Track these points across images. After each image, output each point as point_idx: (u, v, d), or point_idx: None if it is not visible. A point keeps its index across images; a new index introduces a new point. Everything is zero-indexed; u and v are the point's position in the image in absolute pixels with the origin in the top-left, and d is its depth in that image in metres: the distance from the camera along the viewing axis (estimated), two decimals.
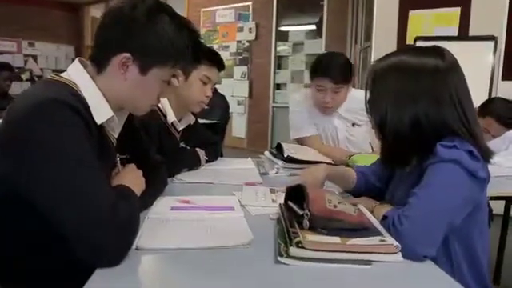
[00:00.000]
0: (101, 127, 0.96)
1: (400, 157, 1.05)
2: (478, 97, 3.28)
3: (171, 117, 1.55)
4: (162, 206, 1.14)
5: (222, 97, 4.60)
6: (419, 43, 3.52)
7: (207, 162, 1.73)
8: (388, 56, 1.07)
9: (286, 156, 1.65)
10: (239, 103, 7.12)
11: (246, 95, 7.05)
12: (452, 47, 1.07)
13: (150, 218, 1.04)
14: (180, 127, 1.62)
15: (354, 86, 2.10)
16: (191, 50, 1.04)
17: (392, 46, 3.73)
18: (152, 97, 1.04)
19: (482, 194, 0.96)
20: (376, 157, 1.67)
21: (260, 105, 6.95)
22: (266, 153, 1.88)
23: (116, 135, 1.06)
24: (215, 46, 7.27)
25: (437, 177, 0.91)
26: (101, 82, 0.97)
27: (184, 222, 1.02)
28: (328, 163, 1.70)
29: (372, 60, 4.06)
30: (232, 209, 1.13)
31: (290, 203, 1.04)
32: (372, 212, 1.09)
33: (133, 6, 0.95)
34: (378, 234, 0.89)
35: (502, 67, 3.27)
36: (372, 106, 1.08)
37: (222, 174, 1.56)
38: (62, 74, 0.97)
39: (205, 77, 1.58)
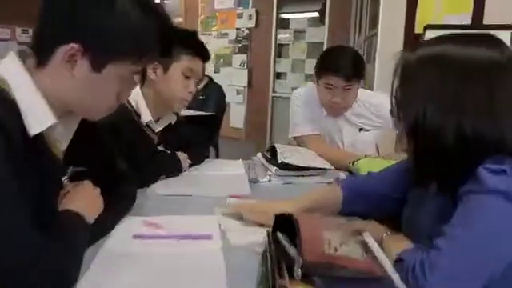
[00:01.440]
0: (41, 137, 0.74)
1: (437, 174, 0.81)
2: None
3: (146, 116, 1.32)
4: (124, 231, 0.93)
5: (218, 86, 4.37)
6: (429, 33, 3.28)
7: (191, 165, 1.52)
8: (425, 44, 0.83)
9: (279, 162, 1.43)
10: (238, 93, 6.87)
11: (245, 84, 6.79)
12: None
13: (104, 249, 0.83)
14: (157, 128, 1.39)
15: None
16: (161, 41, 0.82)
17: (399, 36, 3.48)
18: (108, 99, 0.83)
19: None
20: (383, 162, 1.47)
21: (259, 94, 6.69)
22: (259, 155, 1.66)
23: (64, 146, 0.84)
24: (214, 34, 7.01)
25: (478, 215, 0.69)
26: (42, 78, 0.75)
27: (145, 260, 0.81)
28: (328, 169, 1.49)
29: (378, 49, 3.81)
30: (209, 237, 0.92)
31: (278, 234, 0.83)
32: (381, 244, 0.88)
33: None
34: (391, 287, 0.67)
35: None
36: (403, 106, 0.83)
37: (205, 183, 1.35)
38: None
39: (187, 69, 1.35)
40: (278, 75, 6.50)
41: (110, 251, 0.83)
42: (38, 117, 0.73)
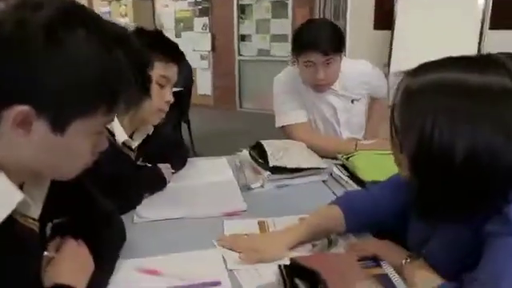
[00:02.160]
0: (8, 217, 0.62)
1: (448, 209, 0.73)
2: (468, 47, 3.06)
3: (121, 136, 1.18)
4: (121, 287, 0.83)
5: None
6: None
7: (174, 172, 1.41)
8: (428, 68, 0.73)
9: (271, 166, 1.34)
10: (202, 58, 6.60)
11: (209, 49, 6.53)
12: None
13: None
14: (134, 144, 1.26)
15: None
16: (136, 78, 0.69)
17: None
18: (80, 158, 0.69)
19: None
20: (379, 158, 1.41)
21: (225, 58, 6.47)
22: (245, 152, 1.56)
23: (37, 212, 0.71)
24: None
25: None
26: None
27: None
28: (322, 168, 1.42)
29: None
30: (218, 284, 0.84)
31: (298, 284, 0.76)
32: (402, 272, 0.83)
33: (20, 22, 0.56)
34: None
35: (491, 15, 2.98)
36: (407, 128, 0.74)
37: (195, 200, 1.25)
38: None
39: (161, 78, 1.20)
40: (242, 37, 6.28)
41: None
42: (0, 200, 0.60)
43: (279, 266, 0.84)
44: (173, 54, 1.21)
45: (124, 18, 6.69)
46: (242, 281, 0.85)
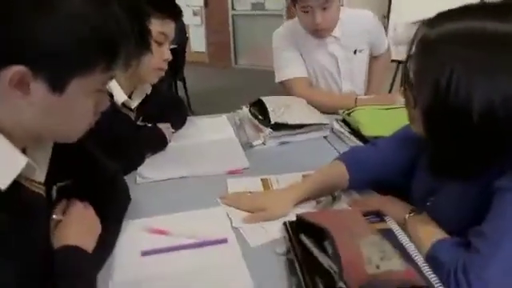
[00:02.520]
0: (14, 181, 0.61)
1: (463, 165, 0.72)
2: None
3: (120, 96, 1.15)
4: (129, 248, 0.84)
5: None
6: None
7: (174, 131, 1.40)
8: (447, 17, 0.70)
9: (273, 123, 1.33)
10: (195, 13, 6.40)
11: (202, 4, 6.31)
12: None
13: (114, 281, 0.75)
14: (134, 104, 1.23)
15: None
16: (134, 33, 0.65)
17: None
18: (83, 117, 0.68)
19: None
20: (380, 112, 1.40)
21: (218, 13, 6.27)
22: (245, 110, 1.54)
23: (42, 176, 0.71)
24: None
25: None
26: None
27: (163, 284, 0.74)
28: (323, 124, 1.40)
29: None
30: (225, 241, 0.85)
31: (304, 240, 0.77)
32: (405, 227, 0.84)
33: None
34: None
35: None
36: (421, 80, 0.72)
37: (197, 159, 1.25)
38: None
39: (159, 34, 1.15)
40: None
41: (123, 280, 0.75)
42: (4, 166, 0.59)
43: (284, 222, 0.85)
44: (170, 9, 1.16)
45: None
46: (247, 238, 0.87)
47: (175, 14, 1.18)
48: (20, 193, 0.63)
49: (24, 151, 0.65)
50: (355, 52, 1.73)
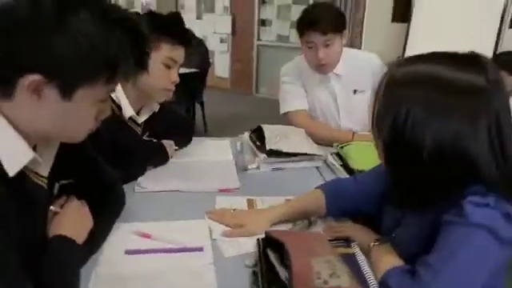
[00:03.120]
0: (21, 172, 0.72)
1: (415, 195, 0.80)
2: (485, 45, 3.02)
3: (128, 111, 1.27)
4: (116, 246, 0.94)
5: (199, 41, 4.22)
6: None
7: (178, 148, 1.51)
8: (412, 61, 0.80)
9: (267, 149, 1.42)
10: (222, 41, 6.65)
11: (229, 32, 6.56)
12: None
13: (97, 272, 0.84)
14: (140, 120, 1.35)
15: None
16: (133, 52, 0.76)
17: None
18: (86, 123, 0.79)
19: (508, 254, 0.77)
20: (372, 148, 1.47)
21: (244, 42, 6.50)
22: (246, 135, 1.65)
23: (46, 171, 0.82)
24: None
25: (460, 248, 0.70)
26: (10, 111, 0.70)
27: (140, 279, 0.83)
28: (316, 155, 1.49)
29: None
30: (200, 249, 0.93)
31: (269, 253, 0.85)
32: (369, 253, 0.91)
33: (32, 3, 0.66)
34: None
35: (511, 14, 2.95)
36: (384, 116, 0.80)
37: (192, 174, 1.34)
38: None
39: (168, 59, 1.27)
40: (262, 22, 6.28)
41: (105, 273, 0.84)
42: (14, 156, 0.70)
43: (258, 238, 0.93)
44: (180, 36, 1.27)
45: None
46: (222, 249, 0.95)
47: (185, 40, 1.28)
48: (25, 182, 0.74)
49: (34, 148, 0.76)
50: (355, 92, 1.81)
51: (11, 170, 0.69)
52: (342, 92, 1.82)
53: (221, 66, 6.74)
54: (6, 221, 0.66)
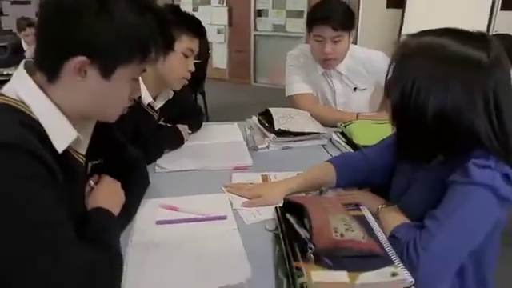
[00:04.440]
0: (66, 149, 0.80)
1: (419, 151, 0.90)
2: (477, 28, 3.07)
3: (147, 97, 1.36)
4: (146, 217, 1.02)
5: None
6: None
7: (191, 132, 1.59)
8: (426, 33, 0.88)
9: (277, 129, 1.51)
10: (219, 32, 6.70)
11: (226, 23, 6.61)
12: None
13: (133, 242, 0.93)
14: (157, 106, 1.44)
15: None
16: (161, 36, 0.85)
17: None
18: (122, 100, 0.87)
19: (505, 213, 0.86)
20: (374, 127, 1.56)
21: (241, 33, 6.55)
22: (254, 118, 1.73)
23: (84, 150, 0.90)
24: None
25: (465, 203, 0.79)
26: (55, 93, 0.79)
27: (172, 246, 0.92)
28: (321, 133, 1.58)
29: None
30: (224, 218, 1.02)
31: (288, 217, 0.94)
32: (377, 215, 1.00)
33: None
34: (390, 262, 0.80)
35: None
36: (394, 82, 0.90)
37: (208, 155, 1.43)
38: (6, 89, 0.78)
39: (187, 50, 1.37)
40: (258, 12, 6.33)
41: (140, 241, 0.93)
42: (62, 134, 0.78)
43: (276, 206, 1.02)
44: (198, 29, 1.39)
45: None
46: (244, 217, 1.04)
47: (201, 33, 1.41)
48: (68, 158, 0.82)
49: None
50: (355, 89, 1.89)
51: (60, 147, 0.77)
52: (341, 89, 1.90)
53: (218, 56, 6.79)
54: (59, 190, 0.75)
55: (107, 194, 0.95)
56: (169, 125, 1.52)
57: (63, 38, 0.75)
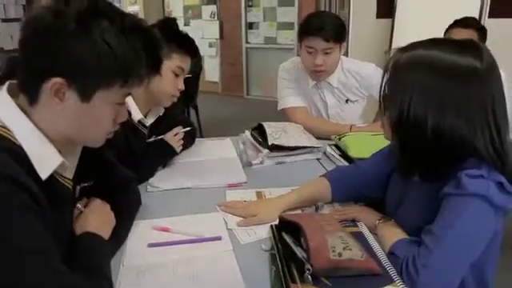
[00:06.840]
0: (50, 175, 0.77)
1: (417, 163, 0.88)
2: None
3: (137, 115, 1.34)
4: (139, 240, 0.99)
5: None
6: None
7: (183, 149, 1.56)
8: (416, 46, 0.87)
9: (270, 144, 1.49)
10: (210, 45, 6.72)
11: (217, 36, 6.63)
12: None
13: (125, 265, 0.90)
14: (148, 123, 1.41)
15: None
16: (148, 58, 0.82)
17: None
18: (104, 125, 0.83)
19: (502, 222, 0.84)
20: (369, 139, 1.55)
21: (232, 46, 6.57)
22: (247, 133, 1.71)
23: (71, 174, 0.87)
24: None
25: (460, 216, 0.78)
26: (37, 117, 0.76)
27: (165, 269, 0.89)
28: (315, 147, 1.56)
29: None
30: (219, 238, 0.99)
31: (284, 236, 0.91)
32: (375, 231, 0.98)
33: (56, 13, 0.72)
34: (390, 281, 0.78)
35: (490, 4, 3.06)
36: (390, 98, 0.89)
37: (200, 172, 1.40)
38: None
39: (178, 68, 1.35)
40: (249, 25, 6.36)
41: (132, 264, 0.90)
42: (45, 160, 0.75)
43: (271, 225, 1.00)
44: (190, 48, 1.37)
45: (134, 5, 6.82)
46: (239, 237, 1.01)
47: (194, 52, 1.39)
48: (54, 184, 0.79)
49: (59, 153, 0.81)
50: (347, 101, 1.89)
51: (43, 174, 0.74)
52: (333, 101, 1.90)
53: (211, 70, 6.80)
54: (44, 217, 0.72)
55: (96, 217, 0.91)
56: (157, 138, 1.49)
57: (40, 59, 0.72)
